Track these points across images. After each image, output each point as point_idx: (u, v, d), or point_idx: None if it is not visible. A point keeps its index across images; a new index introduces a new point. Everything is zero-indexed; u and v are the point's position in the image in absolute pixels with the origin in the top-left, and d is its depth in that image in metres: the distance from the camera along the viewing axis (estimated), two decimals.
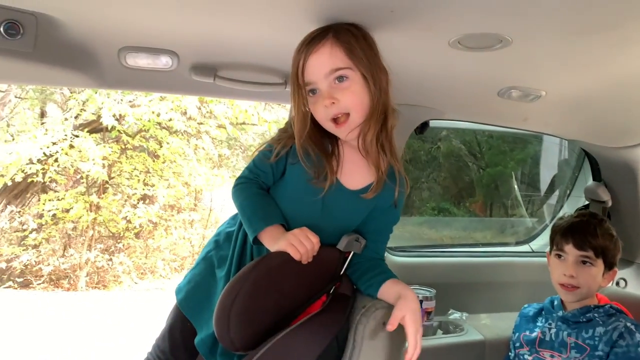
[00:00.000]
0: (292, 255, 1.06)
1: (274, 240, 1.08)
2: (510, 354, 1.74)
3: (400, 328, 1.14)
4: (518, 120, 1.77)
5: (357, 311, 1.16)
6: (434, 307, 1.94)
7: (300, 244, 1.06)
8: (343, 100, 1.05)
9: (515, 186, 3.62)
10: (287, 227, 1.14)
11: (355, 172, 1.14)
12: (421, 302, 1.90)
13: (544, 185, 3.07)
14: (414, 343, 1.07)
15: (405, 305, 1.08)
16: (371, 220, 1.19)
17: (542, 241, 2.48)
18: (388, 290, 1.14)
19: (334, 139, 1.14)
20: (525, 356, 1.62)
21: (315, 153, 1.10)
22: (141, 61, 1.25)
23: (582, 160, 2.40)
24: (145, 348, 1.32)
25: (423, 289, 1.95)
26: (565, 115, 1.74)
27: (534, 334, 1.63)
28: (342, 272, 1.16)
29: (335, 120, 1.07)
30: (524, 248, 2.51)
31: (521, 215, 3.43)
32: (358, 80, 1.05)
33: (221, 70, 1.37)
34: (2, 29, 1.02)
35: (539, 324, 1.66)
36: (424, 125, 1.85)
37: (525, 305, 1.78)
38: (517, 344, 1.68)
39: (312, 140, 1.11)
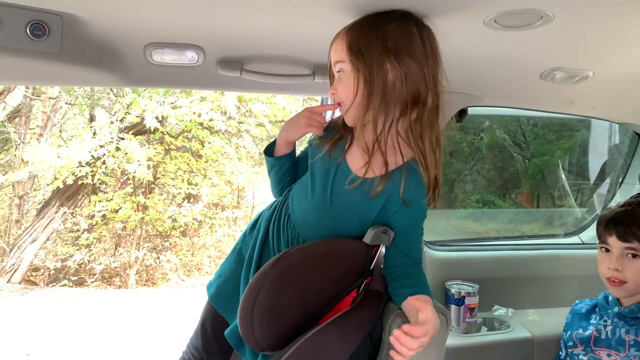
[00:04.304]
0: (317, 132, 1.16)
1: (285, 131, 1.22)
2: (561, 352, 1.65)
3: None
4: (563, 104, 1.66)
5: (392, 311, 1.11)
6: (478, 303, 1.86)
7: (310, 120, 1.16)
8: (338, 91, 1.10)
9: (563, 175, 3.44)
10: (299, 224, 1.17)
11: (360, 157, 1.11)
12: (464, 298, 1.84)
13: (593, 173, 2.90)
14: (420, 331, 0.94)
15: (435, 317, 0.99)
16: (393, 215, 1.13)
17: (592, 232, 2.33)
18: (410, 306, 1.06)
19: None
20: (580, 356, 1.53)
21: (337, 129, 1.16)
22: (167, 57, 1.25)
23: (636, 145, 2.24)
24: None
25: (466, 284, 1.88)
26: (616, 96, 1.62)
27: (588, 332, 1.53)
28: (371, 267, 1.11)
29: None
30: (574, 240, 2.37)
31: (570, 205, 3.26)
32: (350, 73, 1.06)
33: (248, 63, 1.35)
34: (28, 31, 1.03)
35: (592, 321, 1.56)
36: (462, 113, 1.76)
37: (577, 302, 1.68)
38: (570, 343, 1.58)
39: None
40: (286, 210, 1.20)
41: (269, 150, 1.27)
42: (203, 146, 6.71)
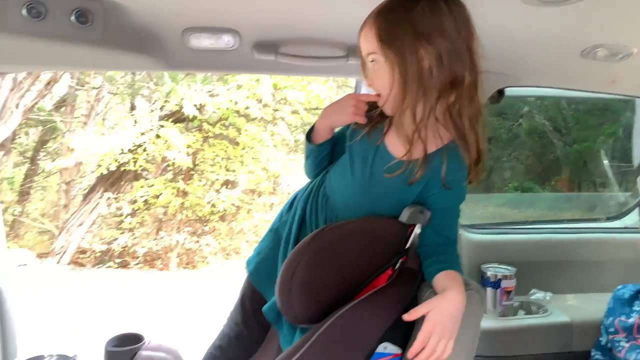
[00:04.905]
0: (362, 121, 1.14)
1: (329, 117, 1.19)
2: (601, 339, 1.62)
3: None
4: (605, 84, 1.60)
5: (427, 287, 1.12)
6: (515, 286, 1.84)
7: (356, 109, 1.14)
8: (375, 83, 1.10)
9: (605, 161, 3.32)
10: (338, 205, 1.18)
11: (399, 142, 1.11)
12: (500, 280, 1.82)
13: (637, 157, 2.78)
14: (420, 343, 0.96)
15: (437, 303, 0.99)
16: (432, 197, 1.14)
17: (636, 216, 2.25)
18: (439, 282, 1.07)
19: None
20: (622, 343, 1.50)
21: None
22: (204, 42, 1.28)
23: None
24: None
25: (502, 267, 1.86)
26: None
27: (631, 320, 1.50)
28: (407, 246, 1.12)
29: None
30: (616, 224, 2.29)
31: (612, 191, 3.14)
32: (384, 64, 1.05)
33: (283, 46, 1.37)
34: (73, 17, 1.08)
35: (636, 307, 1.52)
36: (499, 94, 1.73)
37: (619, 287, 1.63)
38: (611, 329, 1.55)
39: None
40: (324, 192, 1.22)
41: (308, 136, 1.27)
42: (240, 133, 6.81)
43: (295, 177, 7.58)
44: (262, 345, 1.31)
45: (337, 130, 1.25)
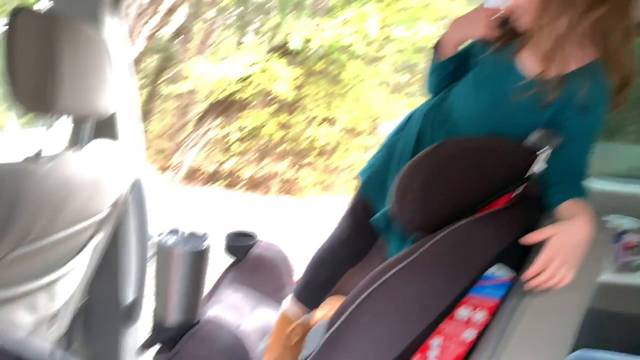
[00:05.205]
0: (495, 34, 1.06)
1: (459, 31, 1.12)
2: None
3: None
4: None
5: (548, 218, 1.04)
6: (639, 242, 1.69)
7: (488, 22, 1.06)
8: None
9: None
10: (459, 124, 1.12)
11: (534, 60, 1.01)
12: (622, 233, 1.68)
13: None
14: (539, 266, 0.90)
15: (563, 228, 0.92)
16: (565, 122, 1.03)
17: None
18: (564, 210, 0.98)
19: None
20: None
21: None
22: None
23: None
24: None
25: (627, 219, 1.70)
26: None
27: None
28: (531, 172, 1.04)
29: None
30: None
31: None
32: None
33: None
34: None
35: None
36: None
37: None
38: None
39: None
40: (445, 109, 1.16)
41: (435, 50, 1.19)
42: (343, 70, 6.78)
43: (395, 121, 7.44)
44: (368, 257, 1.31)
45: (463, 46, 1.17)
